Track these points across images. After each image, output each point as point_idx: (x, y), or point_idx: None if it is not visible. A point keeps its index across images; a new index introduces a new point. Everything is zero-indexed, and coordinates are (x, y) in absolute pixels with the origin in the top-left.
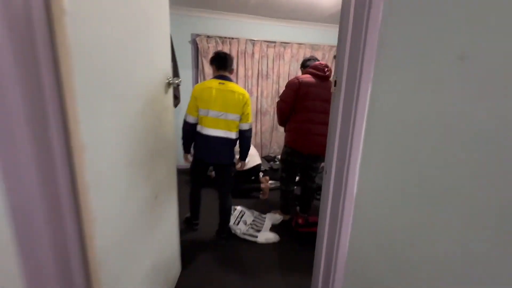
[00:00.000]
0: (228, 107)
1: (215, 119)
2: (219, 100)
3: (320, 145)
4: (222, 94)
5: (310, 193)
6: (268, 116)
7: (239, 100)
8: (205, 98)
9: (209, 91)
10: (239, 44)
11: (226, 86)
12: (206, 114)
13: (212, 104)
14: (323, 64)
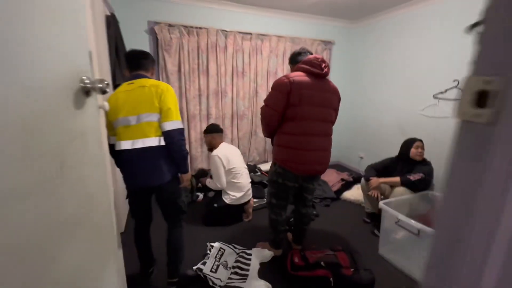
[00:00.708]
0: (139, 107)
1: (125, 127)
2: (127, 102)
3: (320, 163)
4: (130, 94)
5: (305, 220)
6: (245, 120)
7: (151, 94)
8: (112, 108)
9: (115, 97)
10: (209, 35)
11: (136, 83)
12: (116, 125)
13: (120, 110)
14: (319, 58)
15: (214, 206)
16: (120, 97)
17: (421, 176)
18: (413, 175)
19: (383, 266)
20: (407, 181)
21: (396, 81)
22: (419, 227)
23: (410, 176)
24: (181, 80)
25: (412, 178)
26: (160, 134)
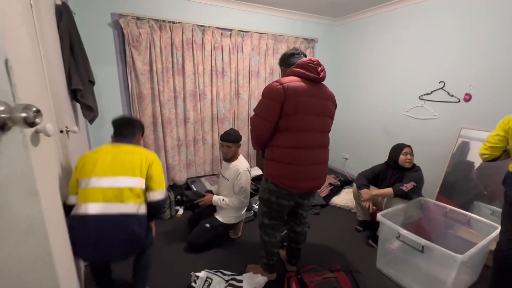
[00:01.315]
0: (121, 170)
1: (97, 189)
2: (107, 163)
3: (319, 178)
4: (115, 157)
5: (301, 239)
6: (227, 123)
7: (139, 161)
8: (85, 166)
9: (96, 155)
10: (184, 31)
11: (123, 148)
12: (86, 185)
13: (96, 170)
14: (315, 61)
15: (206, 226)
16: (100, 157)
17: (413, 185)
18: (405, 185)
19: (383, 283)
20: (401, 192)
21: (380, 81)
22: (423, 243)
23: (403, 186)
24: (153, 80)
25: (405, 188)
26: (141, 202)
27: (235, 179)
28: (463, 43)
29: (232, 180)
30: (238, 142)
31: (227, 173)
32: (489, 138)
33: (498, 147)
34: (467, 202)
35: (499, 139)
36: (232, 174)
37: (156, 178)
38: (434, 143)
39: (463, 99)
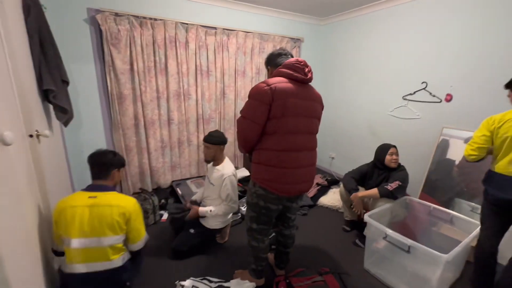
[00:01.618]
0: (101, 228)
1: (79, 250)
2: (85, 221)
3: (307, 180)
4: (92, 212)
5: (289, 243)
6: (212, 124)
7: (117, 216)
8: (64, 222)
9: (72, 210)
10: (167, 28)
11: (100, 199)
12: (68, 245)
13: (75, 230)
14: (302, 62)
15: (191, 232)
16: (78, 213)
17: (398, 184)
18: (390, 185)
19: (371, 283)
20: (386, 192)
21: (366, 81)
22: (410, 244)
23: (388, 186)
24: (134, 80)
25: (389, 188)
26: (124, 252)
27: (220, 185)
28: (443, 45)
29: (218, 185)
30: (219, 145)
31: (212, 177)
32: (476, 139)
33: (484, 147)
34: (449, 200)
35: (485, 139)
36: (218, 179)
37: (135, 231)
38: (417, 142)
39: (445, 99)
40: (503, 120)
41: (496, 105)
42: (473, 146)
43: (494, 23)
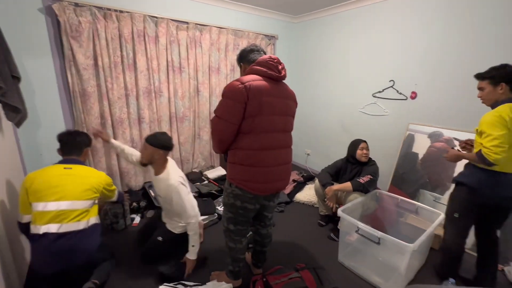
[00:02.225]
0: (78, 194)
1: (56, 211)
2: (61, 186)
3: (283, 178)
4: (68, 180)
5: (266, 242)
6: (187, 123)
7: (97, 183)
8: (39, 188)
9: (48, 178)
10: (134, 22)
11: (76, 170)
12: (43, 208)
13: (51, 194)
14: (275, 59)
15: (159, 240)
16: (54, 179)
17: (369, 178)
18: (362, 178)
19: (345, 275)
20: (358, 185)
21: (338, 79)
22: (380, 236)
23: (360, 179)
24: (99, 76)
25: (361, 181)
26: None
27: (168, 196)
28: (408, 45)
29: (166, 197)
30: (156, 147)
31: (157, 188)
32: (501, 138)
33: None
34: (414, 191)
35: (509, 137)
36: (164, 189)
37: (110, 193)
38: (386, 138)
39: (410, 96)
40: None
41: (457, 102)
42: (503, 147)
43: (456, 25)
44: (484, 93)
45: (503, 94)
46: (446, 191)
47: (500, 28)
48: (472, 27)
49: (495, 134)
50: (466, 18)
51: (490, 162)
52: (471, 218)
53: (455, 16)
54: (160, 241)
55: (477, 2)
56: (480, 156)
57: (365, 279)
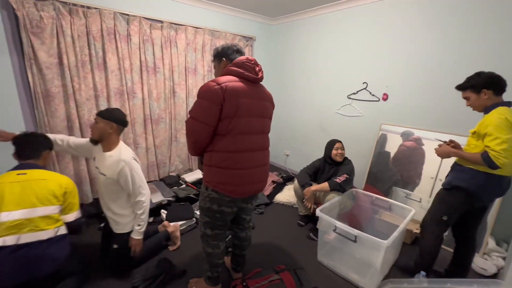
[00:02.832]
0: (35, 200)
1: (11, 223)
2: (16, 193)
3: (261, 180)
4: (23, 187)
5: (245, 245)
6: (162, 125)
7: (55, 188)
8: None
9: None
10: (103, 19)
11: (31, 175)
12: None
13: (6, 204)
14: (252, 60)
15: (114, 248)
16: (6, 189)
17: (346, 177)
18: (339, 178)
19: (324, 274)
20: (335, 185)
21: (315, 81)
22: (356, 234)
23: (336, 179)
24: (64, 76)
25: (338, 180)
26: (59, 225)
27: (115, 174)
28: (380, 48)
29: (113, 175)
30: (109, 120)
31: (103, 166)
32: (510, 143)
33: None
34: (388, 188)
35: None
36: (112, 167)
37: (71, 204)
38: (361, 138)
39: (382, 98)
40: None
41: (425, 103)
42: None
43: (423, 31)
44: (471, 102)
45: (489, 99)
46: (416, 187)
47: (464, 34)
48: (439, 32)
49: (504, 137)
50: (433, 24)
51: (496, 165)
52: (456, 218)
53: (423, 22)
54: (116, 248)
55: (444, 8)
56: (486, 158)
57: (343, 276)
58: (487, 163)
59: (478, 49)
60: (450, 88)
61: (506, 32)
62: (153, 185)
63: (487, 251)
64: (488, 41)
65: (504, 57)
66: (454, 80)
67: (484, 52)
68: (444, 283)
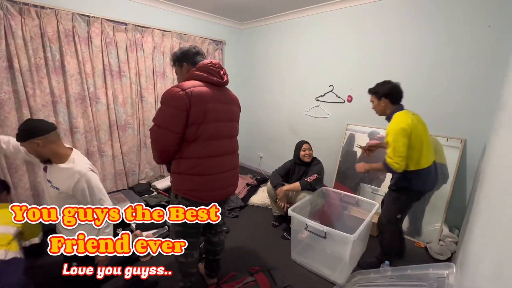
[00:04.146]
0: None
1: None
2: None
3: (232, 184)
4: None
5: (219, 250)
6: (130, 131)
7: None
8: None
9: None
10: (60, 20)
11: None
12: None
13: None
14: (216, 64)
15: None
16: None
17: (316, 176)
18: (309, 177)
19: (298, 272)
20: (306, 184)
21: (285, 84)
22: (325, 230)
23: (307, 178)
24: (15, 81)
25: (309, 180)
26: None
27: (73, 189)
28: (344, 52)
29: (68, 190)
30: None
31: (55, 179)
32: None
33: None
34: (356, 185)
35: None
36: (66, 180)
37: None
38: (329, 138)
39: (347, 100)
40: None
41: None
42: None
43: (382, 35)
44: (373, 106)
45: (385, 107)
46: (382, 182)
47: (423, 40)
48: (396, 38)
49: (398, 144)
50: (391, 30)
51: (394, 171)
52: (408, 208)
53: (382, 28)
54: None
55: (399, 16)
56: (386, 165)
57: (316, 273)
58: (387, 170)
59: (436, 53)
60: (409, 91)
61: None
62: (121, 194)
63: (442, 237)
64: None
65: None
66: (412, 83)
67: (437, 55)
68: (405, 270)
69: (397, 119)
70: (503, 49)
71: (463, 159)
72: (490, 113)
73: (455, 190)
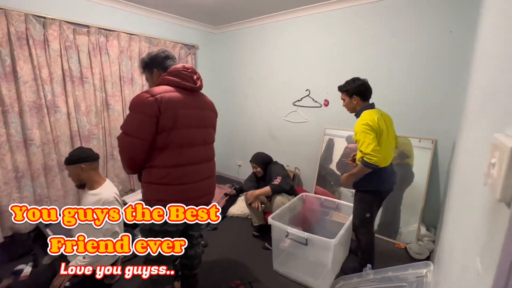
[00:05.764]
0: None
1: None
2: None
3: (208, 193)
4: None
5: (195, 263)
6: (95, 141)
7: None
8: None
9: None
10: (11, 21)
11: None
12: None
13: None
14: (189, 69)
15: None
16: None
17: (280, 178)
18: (276, 180)
19: (281, 283)
20: (275, 187)
21: (262, 89)
22: (306, 236)
23: (274, 181)
24: None
25: (276, 182)
26: None
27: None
28: (319, 57)
29: None
30: (76, 163)
31: (85, 203)
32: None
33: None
34: (336, 189)
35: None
36: (93, 206)
37: None
38: (308, 142)
39: (324, 104)
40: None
41: None
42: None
43: (353, 41)
44: (345, 104)
45: (357, 104)
46: None
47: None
48: (370, 42)
49: (368, 140)
50: (365, 34)
51: (375, 165)
52: (377, 212)
53: (355, 32)
54: (68, 286)
55: (374, 20)
56: (365, 163)
57: (299, 282)
58: (368, 167)
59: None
60: (383, 94)
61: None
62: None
63: (420, 237)
64: (413, 50)
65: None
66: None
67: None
68: (386, 271)
69: (363, 117)
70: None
71: (435, 159)
72: (458, 113)
73: (430, 190)
